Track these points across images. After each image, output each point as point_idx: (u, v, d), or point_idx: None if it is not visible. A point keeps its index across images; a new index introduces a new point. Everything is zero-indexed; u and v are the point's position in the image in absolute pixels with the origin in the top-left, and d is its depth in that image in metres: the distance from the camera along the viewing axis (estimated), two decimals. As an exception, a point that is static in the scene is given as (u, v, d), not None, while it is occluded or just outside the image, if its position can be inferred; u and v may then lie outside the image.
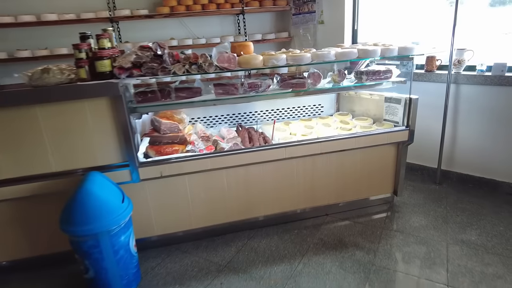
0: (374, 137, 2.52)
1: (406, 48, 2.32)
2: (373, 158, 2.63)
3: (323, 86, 2.40)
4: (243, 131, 2.62)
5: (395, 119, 2.67)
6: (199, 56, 2.01)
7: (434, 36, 4.62)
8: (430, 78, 3.11)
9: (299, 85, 2.32)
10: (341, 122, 2.76)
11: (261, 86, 2.28)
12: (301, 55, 2.12)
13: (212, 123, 2.82)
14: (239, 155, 2.31)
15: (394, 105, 2.64)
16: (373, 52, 2.24)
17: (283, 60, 2.13)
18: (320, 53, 2.16)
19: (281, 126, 2.79)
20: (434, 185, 3.23)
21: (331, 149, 2.47)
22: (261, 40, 3.95)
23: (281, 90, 2.33)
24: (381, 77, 2.45)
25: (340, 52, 2.22)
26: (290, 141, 2.41)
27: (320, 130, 2.63)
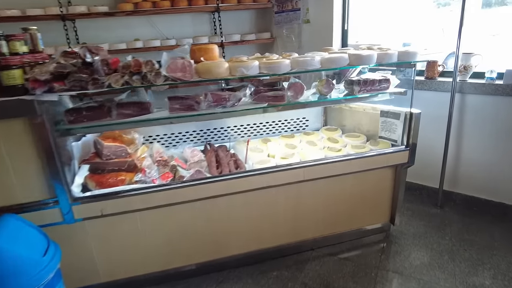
0: (368, 159, 2.09)
1: (408, 53, 1.90)
2: (366, 183, 2.20)
3: (307, 99, 1.95)
4: (210, 152, 2.16)
5: (392, 136, 2.24)
6: (143, 63, 1.54)
7: (424, 37, 4.39)
8: (431, 86, 2.70)
9: (276, 99, 1.87)
10: (329, 140, 2.32)
11: (230, 100, 1.82)
12: (277, 63, 1.67)
13: (175, 141, 2.35)
14: (202, 185, 1.85)
15: (391, 120, 2.22)
16: (367, 58, 1.81)
17: (254, 68, 1.68)
18: (301, 60, 1.72)
19: (258, 144, 2.34)
20: (435, 209, 2.82)
21: (316, 175, 2.03)
22: (239, 42, 3.49)
23: (255, 105, 1.88)
24: (376, 87, 2.02)
25: (327, 58, 1.77)
26: (266, 167, 1.96)
27: (304, 150, 2.19)
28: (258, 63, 1.69)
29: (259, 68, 1.71)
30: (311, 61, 1.70)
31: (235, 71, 1.65)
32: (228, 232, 2.03)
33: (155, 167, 2.02)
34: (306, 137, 2.42)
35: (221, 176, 1.89)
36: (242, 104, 1.89)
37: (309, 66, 1.71)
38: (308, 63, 1.70)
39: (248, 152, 2.17)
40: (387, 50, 1.90)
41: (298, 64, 1.72)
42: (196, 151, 2.22)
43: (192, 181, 1.84)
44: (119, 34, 3.39)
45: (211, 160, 2.04)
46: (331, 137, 2.36)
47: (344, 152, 2.14)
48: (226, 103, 1.82)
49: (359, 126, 2.47)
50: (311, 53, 1.93)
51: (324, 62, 1.77)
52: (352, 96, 1.98)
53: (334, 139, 2.33)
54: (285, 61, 1.69)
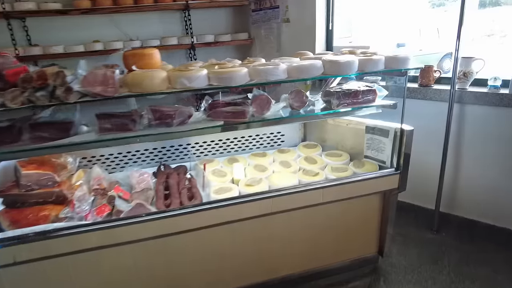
0: (350, 186, 1.74)
1: (397, 59, 1.55)
2: (349, 213, 1.86)
3: (275, 114, 1.60)
4: (161, 177, 1.80)
5: (380, 157, 1.89)
6: (50, 75, 1.17)
7: (418, 38, 4.16)
8: (426, 95, 2.36)
9: (235, 115, 1.52)
10: (306, 161, 1.96)
11: (176, 117, 1.46)
12: (229, 73, 1.31)
13: (123, 162, 1.99)
14: (143, 224, 1.49)
15: (379, 138, 1.87)
16: (346, 66, 1.46)
17: (201, 79, 1.32)
18: (261, 69, 1.36)
19: (224, 165, 1.98)
20: (430, 234, 2.48)
21: (287, 207, 1.68)
22: (213, 43, 3.13)
23: (209, 122, 1.52)
24: (359, 100, 1.67)
25: (294, 66, 1.42)
26: (226, 198, 1.60)
27: (275, 175, 1.83)
28: (206, 72, 1.33)
29: (207, 79, 1.34)
30: (273, 70, 1.35)
31: (176, 82, 1.29)
32: (179, 277, 1.67)
33: (91, 198, 1.65)
34: (281, 155, 2.07)
35: (168, 211, 1.53)
36: (194, 121, 1.54)
37: (271, 76, 1.35)
38: (270, 73, 1.35)
39: (208, 177, 1.82)
40: (372, 56, 1.55)
41: (258, 73, 1.36)
42: (145, 175, 1.86)
43: (129, 219, 1.48)
44: (77, 35, 3.01)
45: (159, 188, 1.68)
46: (309, 156, 2.01)
47: (322, 177, 1.79)
48: (171, 120, 1.46)
49: (342, 142, 2.12)
50: (278, 59, 1.57)
51: (292, 71, 1.41)
52: (330, 111, 1.63)
53: (312, 159, 1.98)
54: (241, 70, 1.33)
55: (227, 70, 1.31)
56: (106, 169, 1.95)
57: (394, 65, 1.56)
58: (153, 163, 2.03)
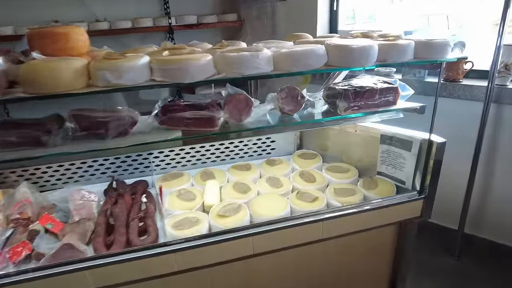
0: (360, 217, 1.30)
1: (433, 45, 1.08)
2: (355, 249, 1.43)
3: (257, 121, 1.15)
4: (109, 199, 1.35)
5: (398, 175, 1.44)
6: None
7: (424, 26, 3.81)
8: (453, 92, 1.89)
9: (200, 122, 1.06)
10: (302, 177, 1.51)
11: (111, 127, 1.00)
12: (180, 63, 0.85)
13: (65, 176, 1.54)
14: (66, 276, 1.05)
15: (398, 151, 1.41)
16: (361, 54, 0.99)
17: (136, 73, 0.85)
18: (233, 57, 0.89)
19: (194, 183, 1.53)
20: (451, 259, 2.06)
21: (274, 247, 1.24)
22: (195, 25, 2.64)
23: (162, 133, 1.06)
24: (376, 101, 1.21)
25: (284, 54, 0.95)
26: (188, 238, 1.16)
27: (260, 200, 1.38)
28: (145, 62, 0.86)
29: (151, 70, 0.88)
30: (251, 60, 0.88)
31: (97, 78, 0.83)
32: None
33: (8, 232, 1.21)
34: (270, 169, 1.61)
35: (105, 257, 1.09)
36: (140, 130, 1.08)
37: (247, 69, 0.89)
38: (246, 63, 0.88)
39: (170, 201, 1.37)
40: (396, 40, 1.08)
41: (228, 64, 0.90)
42: (91, 195, 1.41)
43: (45, 269, 1.04)
44: (32, 14, 2.52)
45: (100, 220, 1.23)
46: (306, 171, 1.55)
47: (322, 203, 1.34)
48: (104, 131, 1.00)
49: (348, 152, 1.66)
50: (263, 43, 1.11)
51: (280, 60, 0.95)
52: (334, 117, 1.17)
53: (309, 175, 1.53)
54: (199, 59, 0.86)
55: (177, 59, 0.84)
56: (43, 187, 1.50)
57: (427, 54, 1.09)
58: (105, 177, 1.58)
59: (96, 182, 1.58)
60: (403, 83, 1.27)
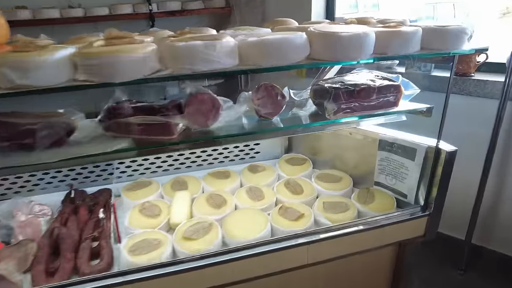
0: (353, 239, 1.10)
1: (445, 33, 0.86)
2: (347, 273, 1.23)
3: (227, 126, 0.94)
4: (62, 213, 1.16)
5: (399, 186, 1.24)
6: None
7: (429, 14, 3.62)
8: (464, 88, 1.67)
9: (153, 130, 0.86)
10: (288, 188, 1.31)
11: (40, 136, 0.80)
12: (108, 56, 0.63)
13: (17, 185, 1.34)
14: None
15: (399, 159, 1.20)
16: (352, 44, 0.77)
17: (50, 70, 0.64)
18: (181, 47, 0.67)
19: (163, 194, 1.33)
20: (456, 273, 1.86)
21: (249, 275, 1.05)
22: (178, 12, 2.41)
23: (106, 143, 0.86)
24: (373, 103, 0.99)
25: (251, 44, 0.73)
26: (147, 267, 0.96)
27: (236, 217, 1.17)
28: (63, 56, 0.65)
29: (72, 68, 0.67)
30: (202, 52, 0.67)
31: (-6, 77, 0.62)
32: None
33: None
34: (251, 177, 1.41)
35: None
36: (80, 139, 0.87)
37: (199, 63, 0.68)
38: (197, 56, 0.67)
39: (132, 217, 1.17)
40: (399, 27, 0.86)
41: (174, 57, 0.68)
42: (41, 209, 1.22)
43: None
44: None
45: (43, 244, 1.03)
46: (293, 180, 1.35)
47: (308, 221, 1.14)
48: (32, 141, 0.80)
49: (341, 157, 1.45)
50: (232, 30, 0.89)
51: (247, 52, 0.73)
52: (320, 122, 0.96)
53: (296, 184, 1.32)
54: (133, 52, 0.65)
55: (103, 52, 0.63)
56: (-11, 197, 1.31)
57: (438, 44, 0.87)
58: (63, 186, 1.38)
59: (54, 191, 1.38)
60: (406, 80, 1.05)
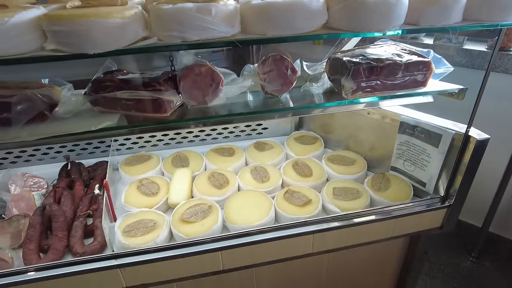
0: (363, 229, 1.02)
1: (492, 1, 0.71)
2: (353, 263, 1.16)
3: (228, 105, 0.83)
4: (54, 190, 1.10)
5: (418, 174, 1.13)
6: None
7: None
8: (501, 65, 1.49)
9: (144, 107, 0.76)
10: (295, 169, 1.21)
11: (18, 111, 0.72)
12: (77, 20, 0.52)
13: (12, 155, 1.28)
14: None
15: (421, 144, 1.08)
16: (381, 9, 0.63)
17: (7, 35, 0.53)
18: (166, 11, 0.55)
19: (163, 170, 1.26)
20: (468, 260, 1.78)
21: (250, 261, 0.99)
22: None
23: (93, 118, 0.77)
24: (398, 81, 0.86)
25: (255, 7, 0.61)
26: (137, 252, 0.91)
27: (238, 199, 1.10)
28: (29, 20, 0.54)
29: (42, 35, 0.56)
30: (195, 17, 0.54)
31: None
32: None
33: None
34: (257, 155, 1.31)
35: (37, 270, 0.86)
36: (67, 113, 0.79)
37: (190, 30, 0.56)
38: (188, 22, 0.55)
39: (128, 194, 1.11)
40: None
41: (161, 22, 0.56)
42: (35, 182, 1.17)
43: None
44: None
45: (35, 222, 0.98)
46: (301, 160, 1.25)
47: (316, 208, 1.05)
48: (8, 115, 0.72)
49: (356, 137, 1.33)
50: None
51: (251, 18, 0.61)
52: (336, 103, 0.84)
53: (305, 165, 1.22)
54: (110, 17, 0.53)
55: (75, 15, 0.52)
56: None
57: (484, 14, 0.72)
58: (61, 157, 1.32)
59: (51, 162, 1.33)
60: (439, 55, 0.90)
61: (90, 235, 1.03)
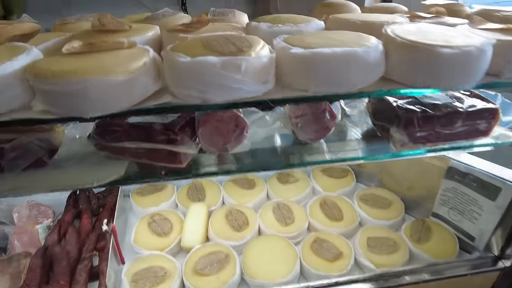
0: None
1: None
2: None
3: (255, 149, 0.71)
4: (57, 226, 1.02)
5: (465, 225, 0.98)
6: None
7: None
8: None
9: (157, 156, 0.65)
10: (323, 208, 1.08)
11: (9, 159, 0.62)
12: (73, 78, 0.41)
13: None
14: None
15: (472, 194, 0.93)
16: (461, 62, 0.49)
17: None
18: (184, 65, 0.44)
19: (177, 203, 1.15)
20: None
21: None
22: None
23: (101, 166, 0.67)
24: (457, 130, 0.72)
25: (297, 56, 0.48)
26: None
27: (259, 245, 0.98)
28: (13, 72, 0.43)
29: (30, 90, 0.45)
30: (220, 75, 0.43)
31: None
32: None
33: None
34: (280, 188, 1.19)
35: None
36: (69, 158, 0.69)
37: (214, 90, 0.44)
38: (211, 79, 0.43)
39: (139, 232, 1.02)
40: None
41: (177, 77, 0.45)
42: (41, 211, 1.09)
43: None
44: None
45: (34, 265, 0.90)
46: (330, 199, 1.12)
47: (346, 265, 0.92)
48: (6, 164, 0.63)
49: (393, 173, 1.19)
50: (268, 19, 0.63)
51: (290, 69, 0.48)
52: (383, 155, 0.71)
53: (334, 206, 1.09)
54: (107, 75, 0.41)
55: (61, 72, 0.41)
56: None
57: None
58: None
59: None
60: (508, 100, 0.75)
61: (96, 278, 0.94)
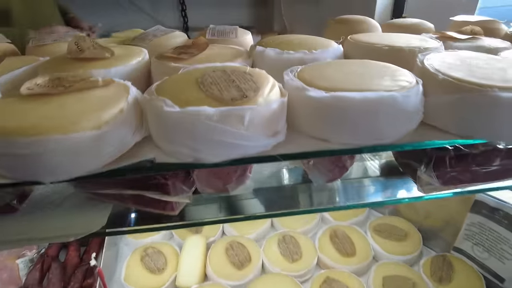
0: None
1: None
2: None
3: (260, 188, 0.62)
4: (40, 261, 0.92)
5: (493, 264, 0.88)
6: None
7: None
8: None
9: (146, 202, 0.55)
10: (333, 242, 0.98)
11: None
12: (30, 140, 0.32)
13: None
14: None
15: (502, 231, 0.83)
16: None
17: None
18: (173, 116, 0.34)
19: (174, 236, 1.05)
20: None
21: None
22: None
23: (82, 211, 0.57)
24: (491, 169, 0.62)
25: (316, 101, 0.38)
26: None
27: (263, 285, 0.88)
28: None
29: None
30: (220, 130, 0.33)
31: None
32: None
33: None
34: (285, 219, 1.09)
35: None
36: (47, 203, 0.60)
37: (210, 148, 0.34)
38: (206, 135, 0.33)
39: (130, 267, 0.92)
40: None
41: (166, 131, 0.35)
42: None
43: None
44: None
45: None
46: (341, 230, 1.02)
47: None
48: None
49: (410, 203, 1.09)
50: (273, 38, 0.53)
51: (307, 115, 0.39)
52: (408, 199, 0.61)
53: (346, 239, 0.99)
54: (72, 131, 0.31)
55: (18, 128, 0.31)
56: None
57: None
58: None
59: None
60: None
61: (81, 323, 0.84)
